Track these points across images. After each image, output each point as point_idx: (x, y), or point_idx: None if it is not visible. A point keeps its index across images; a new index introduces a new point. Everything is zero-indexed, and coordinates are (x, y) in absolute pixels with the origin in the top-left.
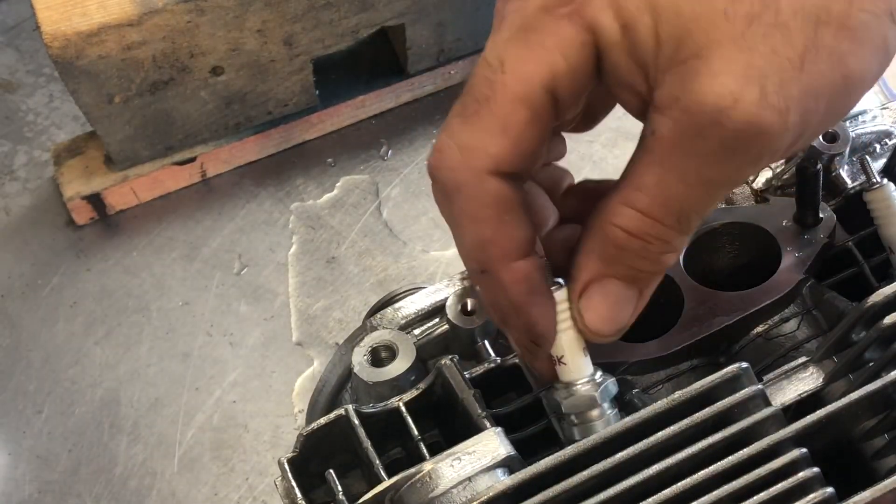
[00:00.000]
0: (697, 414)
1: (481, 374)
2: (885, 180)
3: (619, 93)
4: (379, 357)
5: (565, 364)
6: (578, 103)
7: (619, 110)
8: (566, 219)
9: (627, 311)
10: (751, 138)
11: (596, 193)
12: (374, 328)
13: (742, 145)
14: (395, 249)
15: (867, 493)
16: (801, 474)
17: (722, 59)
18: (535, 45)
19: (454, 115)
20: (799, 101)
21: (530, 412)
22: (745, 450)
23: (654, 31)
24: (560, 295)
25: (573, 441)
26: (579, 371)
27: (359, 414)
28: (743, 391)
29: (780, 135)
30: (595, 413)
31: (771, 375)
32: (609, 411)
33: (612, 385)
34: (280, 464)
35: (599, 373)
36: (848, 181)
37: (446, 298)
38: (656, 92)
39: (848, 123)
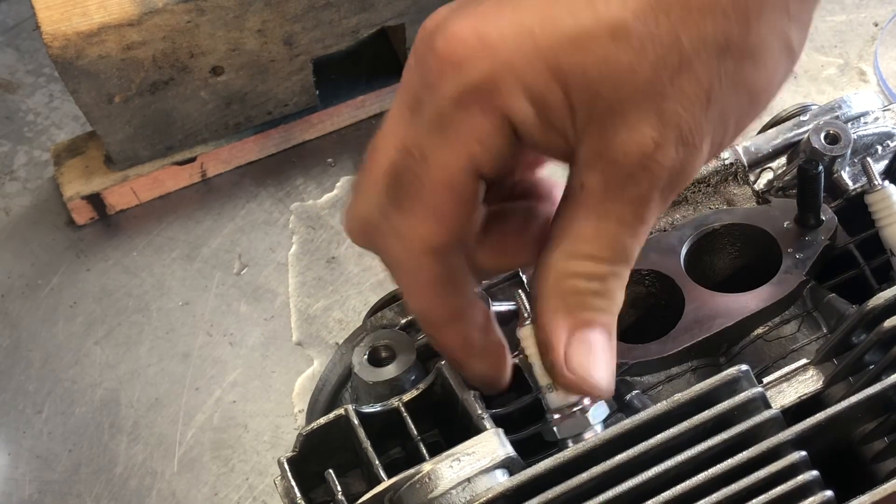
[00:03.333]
0: (697, 416)
1: None
2: (887, 182)
3: (541, 152)
4: (379, 357)
5: (553, 392)
6: (505, 167)
7: None
8: None
9: (610, 355)
10: (676, 175)
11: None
12: (375, 328)
13: (669, 183)
14: None
15: (866, 497)
16: (800, 477)
17: (636, 110)
18: (451, 137)
19: (387, 202)
20: (710, 131)
21: (530, 413)
22: (744, 452)
23: (566, 100)
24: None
25: None
26: (568, 397)
27: (358, 414)
28: (743, 394)
29: (698, 165)
30: (589, 436)
31: (771, 378)
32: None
33: (602, 407)
34: (280, 463)
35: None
36: (849, 183)
37: None
38: (578, 149)
39: (850, 125)
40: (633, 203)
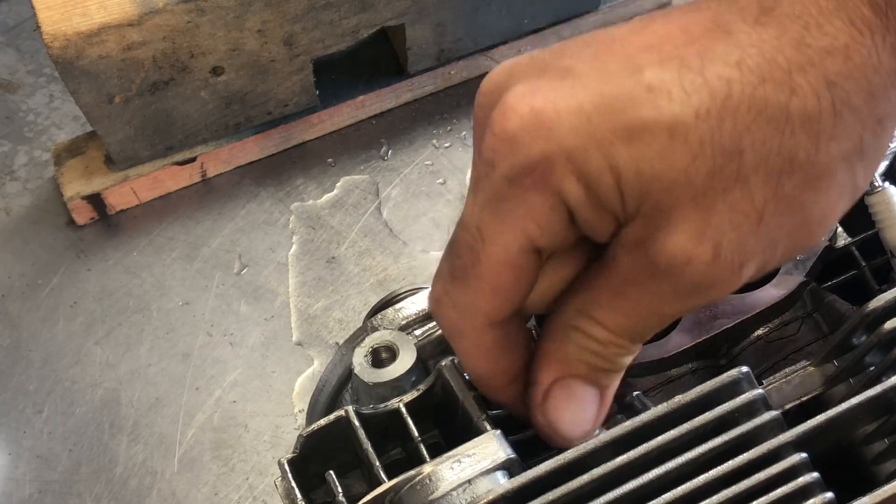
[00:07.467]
0: (698, 418)
1: None
2: (887, 183)
3: (588, 230)
4: (379, 358)
5: None
6: (565, 240)
7: None
8: None
9: (591, 413)
10: (702, 290)
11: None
12: (375, 329)
13: (694, 294)
14: (395, 249)
15: (867, 499)
16: (801, 479)
17: (680, 217)
18: (506, 216)
19: (447, 274)
20: (758, 252)
21: None
22: (745, 454)
23: (617, 189)
24: None
25: None
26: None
27: (359, 415)
28: (743, 395)
29: (733, 285)
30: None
31: (771, 379)
32: None
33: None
34: (280, 464)
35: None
36: None
37: None
38: (624, 229)
39: None
40: (650, 297)
